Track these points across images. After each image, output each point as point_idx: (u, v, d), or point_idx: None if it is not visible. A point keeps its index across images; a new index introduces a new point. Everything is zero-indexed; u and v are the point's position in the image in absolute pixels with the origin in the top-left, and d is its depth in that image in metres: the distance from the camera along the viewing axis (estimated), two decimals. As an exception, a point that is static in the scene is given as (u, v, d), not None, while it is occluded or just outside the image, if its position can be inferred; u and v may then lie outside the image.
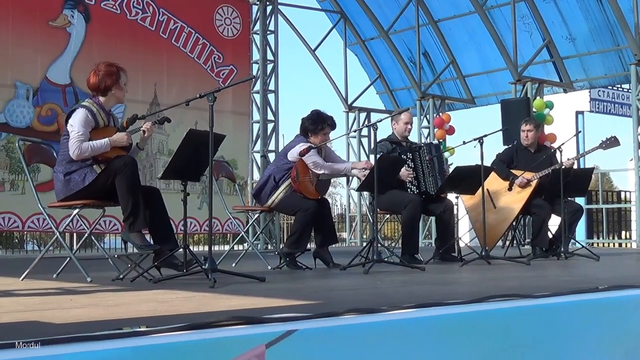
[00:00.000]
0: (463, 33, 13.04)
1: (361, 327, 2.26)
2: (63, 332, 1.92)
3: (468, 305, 2.62)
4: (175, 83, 9.95)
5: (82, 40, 9.25)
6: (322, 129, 5.77)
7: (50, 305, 3.08)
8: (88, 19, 9.34)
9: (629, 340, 2.94)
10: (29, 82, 8.77)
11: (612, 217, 14.88)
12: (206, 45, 10.54)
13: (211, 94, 4.05)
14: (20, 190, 8.39)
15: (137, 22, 9.84)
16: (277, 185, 5.66)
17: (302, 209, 5.53)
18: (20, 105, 8.69)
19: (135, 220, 4.30)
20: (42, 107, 8.86)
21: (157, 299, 3.29)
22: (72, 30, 9.19)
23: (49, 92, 8.92)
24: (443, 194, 6.63)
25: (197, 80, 10.09)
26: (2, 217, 8.49)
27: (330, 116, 5.85)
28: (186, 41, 10.34)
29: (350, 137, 14.24)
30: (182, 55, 10.28)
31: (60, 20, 9.11)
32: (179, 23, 10.27)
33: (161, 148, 9.88)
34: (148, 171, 9.56)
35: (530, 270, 5.30)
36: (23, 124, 8.68)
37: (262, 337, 2.01)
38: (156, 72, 9.84)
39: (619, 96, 18.10)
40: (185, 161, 4.32)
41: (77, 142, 4.36)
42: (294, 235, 5.59)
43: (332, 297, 3.41)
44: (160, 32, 10.09)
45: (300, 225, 5.55)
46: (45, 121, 8.78)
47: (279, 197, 5.63)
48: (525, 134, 7.26)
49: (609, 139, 6.95)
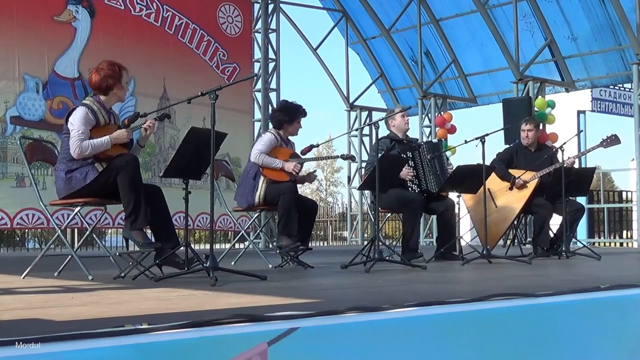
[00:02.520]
0: (465, 32, 13.03)
1: (363, 325, 2.26)
2: (64, 330, 1.91)
3: (469, 304, 2.62)
4: (184, 78, 9.92)
5: (89, 35, 9.26)
6: (295, 119, 5.88)
7: (51, 303, 3.09)
8: (93, 14, 9.35)
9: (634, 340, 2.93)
10: (37, 76, 8.77)
11: (614, 217, 14.88)
12: (211, 42, 10.57)
13: (213, 92, 4.05)
14: (42, 185, 8.28)
15: (142, 17, 9.85)
16: (256, 182, 5.73)
17: (281, 193, 5.58)
18: (32, 98, 8.70)
19: (136, 218, 4.30)
20: (53, 100, 8.87)
21: (158, 297, 3.29)
22: (78, 25, 9.20)
23: (58, 86, 8.93)
24: (444, 192, 6.63)
25: (204, 76, 10.11)
26: (26, 213, 8.48)
27: (300, 105, 5.95)
28: (192, 37, 10.37)
29: (351, 135, 14.23)
30: (188, 51, 10.31)
31: (65, 15, 9.12)
32: (183, 19, 10.29)
33: (173, 143, 9.88)
34: (163, 166, 9.52)
35: (531, 269, 5.30)
36: (36, 117, 8.69)
37: (265, 335, 2.01)
38: (164, 67, 9.85)
39: (621, 96, 18.08)
40: (187, 159, 4.32)
41: (77, 140, 4.36)
42: (281, 220, 5.60)
43: (334, 295, 3.42)
44: (166, 27, 10.11)
45: (283, 209, 5.56)
46: (57, 114, 8.75)
47: (262, 193, 5.68)
48: (526, 134, 7.26)
49: (610, 137, 6.96)
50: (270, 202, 5.70)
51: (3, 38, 8.58)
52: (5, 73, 8.54)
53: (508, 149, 7.67)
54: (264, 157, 5.71)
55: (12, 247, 15.38)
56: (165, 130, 9.85)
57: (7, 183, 8.44)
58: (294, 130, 5.93)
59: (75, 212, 4.54)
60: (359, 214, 14.28)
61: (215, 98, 4.05)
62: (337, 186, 39.98)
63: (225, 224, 10.39)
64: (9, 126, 8.50)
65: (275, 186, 5.67)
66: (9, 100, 8.52)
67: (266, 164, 5.72)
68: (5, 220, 8.43)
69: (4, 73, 8.54)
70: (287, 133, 5.94)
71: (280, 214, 5.61)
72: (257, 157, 5.72)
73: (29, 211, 8.43)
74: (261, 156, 5.71)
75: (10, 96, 8.54)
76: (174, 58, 10.03)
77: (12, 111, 8.53)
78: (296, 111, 5.89)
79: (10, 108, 8.52)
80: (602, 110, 17.93)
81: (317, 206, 6.28)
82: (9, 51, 8.60)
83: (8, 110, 8.50)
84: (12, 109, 8.52)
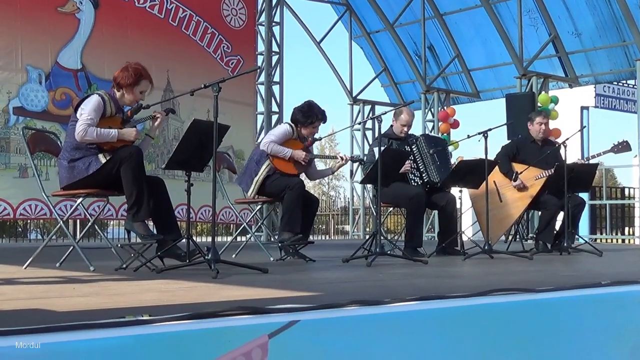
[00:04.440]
0: (469, 27, 13.00)
1: (364, 319, 2.26)
2: (66, 320, 1.92)
3: (470, 299, 2.62)
4: (188, 70, 9.91)
5: (92, 26, 9.25)
6: (311, 123, 5.76)
7: (53, 294, 3.09)
8: (97, 5, 9.35)
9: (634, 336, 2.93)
10: (40, 67, 8.77)
11: (616, 213, 14.86)
12: (215, 35, 10.56)
13: (216, 84, 4.04)
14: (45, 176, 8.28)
15: (146, 9, 9.85)
16: (258, 167, 5.68)
17: (289, 187, 5.51)
18: (34, 89, 8.70)
19: (139, 210, 4.30)
20: (56, 92, 8.87)
21: (159, 288, 3.30)
22: (82, 16, 9.19)
23: (61, 77, 8.93)
24: (447, 188, 6.63)
25: (207, 68, 10.11)
26: (29, 204, 8.49)
27: (323, 110, 5.81)
28: (195, 29, 10.36)
29: (354, 129, 14.22)
30: (192, 43, 10.30)
31: (69, 7, 9.11)
32: (187, 12, 10.28)
33: (177, 135, 9.88)
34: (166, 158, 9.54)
35: (532, 264, 5.30)
36: (39, 108, 8.70)
37: (265, 327, 2.01)
38: (168, 58, 9.81)
39: (625, 92, 18.05)
40: (190, 151, 4.32)
41: (84, 124, 4.35)
42: (285, 216, 5.54)
43: (335, 288, 3.42)
44: (170, 19, 10.11)
45: (288, 204, 5.50)
46: (60, 105, 8.80)
47: (261, 178, 5.63)
48: (541, 127, 7.21)
49: (621, 143, 6.91)
50: (277, 194, 5.63)
51: (6, 29, 8.57)
52: (8, 64, 8.54)
53: (514, 141, 7.61)
54: (273, 145, 5.63)
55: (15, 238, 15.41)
56: (169, 122, 9.85)
57: (9, 174, 8.45)
58: (308, 133, 5.79)
59: (78, 203, 4.54)
60: (360, 208, 14.28)
61: (218, 90, 4.05)
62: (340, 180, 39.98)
63: (227, 217, 10.40)
64: (12, 117, 8.50)
65: (285, 179, 5.60)
66: (12, 91, 8.52)
67: (275, 151, 5.63)
68: (8, 211, 8.44)
69: (7, 64, 8.54)
70: (302, 133, 5.83)
71: (284, 209, 5.56)
72: (267, 145, 5.63)
73: (32, 202, 8.44)
74: (271, 144, 5.63)
75: (13, 87, 8.54)
76: (177, 50, 10.02)
77: (15, 102, 8.53)
78: (314, 115, 5.75)
79: (13, 99, 8.52)
80: (606, 107, 17.91)
81: (319, 201, 6.25)
82: (12, 42, 8.59)
83: (11, 101, 8.50)
84: (14, 99, 8.52)
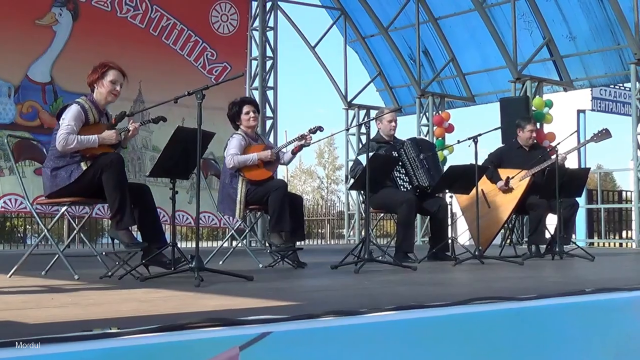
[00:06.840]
0: (463, 31, 12.99)
1: (338, 330, 2.22)
2: (34, 333, 1.88)
3: (450, 308, 2.59)
4: (162, 80, 9.79)
5: (67, 39, 9.24)
6: (240, 108, 5.80)
7: (30, 304, 3.06)
8: (76, 16, 9.33)
9: (618, 343, 2.90)
10: (10, 80, 8.79)
11: (613, 217, 14.83)
12: (198, 42, 10.53)
13: (200, 92, 4.02)
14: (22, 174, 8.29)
15: (127, 19, 9.84)
16: (233, 188, 5.63)
17: (271, 190, 5.49)
18: (3, 102, 8.73)
19: (122, 218, 4.28)
20: (23, 105, 8.89)
21: (139, 298, 3.26)
22: (58, 28, 9.19)
23: (29, 90, 8.94)
24: (438, 193, 6.60)
25: (186, 77, 9.99)
26: (9, 198, 8.45)
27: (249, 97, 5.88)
28: (177, 38, 10.34)
29: (349, 134, 14.21)
30: (170, 52, 10.25)
31: (47, 19, 9.10)
32: (171, 20, 10.27)
33: (145, 144, 9.87)
34: (137, 163, 9.59)
35: (522, 270, 5.26)
36: (7, 120, 8.72)
37: (236, 340, 1.98)
38: (142, 68, 9.61)
39: (621, 95, 18.03)
40: (174, 159, 4.29)
41: (64, 133, 4.34)
42: (272, 217, 5.49)
43: (316, 297, 3.39)
44: (151, 29, 10.09)
45: (274, 206, 5.45)
46: (27, 117, 8.84)
47: (242, 197, 5.58)
48: (532, 134, 7.22)
49: (601, 131, 6.94)
50: (260, 201, 5.60)
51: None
52: (-22, 77, 8.55)
53: (500, 148, 7.63)
54: (237, 158, 5.60)
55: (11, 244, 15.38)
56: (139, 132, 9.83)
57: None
58: (248, 123, 5.78)
59: (62, 213, 4.51)
60: (356, 214, 14.26)
61: (202, 98, 4.02)
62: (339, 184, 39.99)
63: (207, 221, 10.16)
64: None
65: (265, 185, 5.59)
66: None
67: (241, 162, 5.60)
68: None
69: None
70: (247, 128, 5.81)
71: (271, 211, 5.50)
72: (231, 160, 5.61)
73: (12, 196, 8.46)
74: (235, 158, 5.60)
75: None
76: (153, 59, 9.95)
77: None
78: (240, 101, 5.86)
79: None
80: (602, 110, 17.88)
81: (302, 199, 6.23)
82: None
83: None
84: None
